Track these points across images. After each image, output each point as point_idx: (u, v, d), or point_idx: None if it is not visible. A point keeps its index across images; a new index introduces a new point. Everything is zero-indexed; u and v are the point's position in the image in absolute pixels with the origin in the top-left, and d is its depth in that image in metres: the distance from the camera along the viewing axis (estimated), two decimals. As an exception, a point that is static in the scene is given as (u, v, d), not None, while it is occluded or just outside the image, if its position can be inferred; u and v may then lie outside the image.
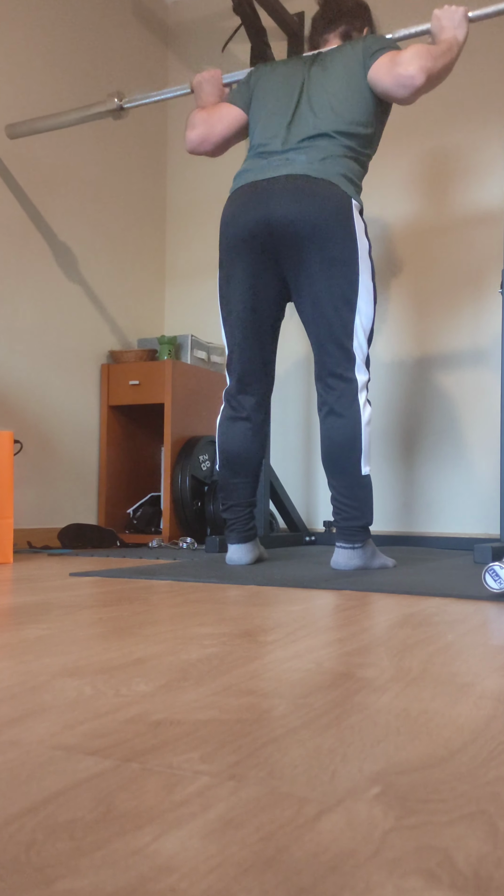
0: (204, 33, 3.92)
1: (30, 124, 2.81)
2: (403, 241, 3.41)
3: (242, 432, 2.22)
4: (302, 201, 2.04)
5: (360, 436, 2.06)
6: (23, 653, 0.97)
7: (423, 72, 2.01)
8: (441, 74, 2.06)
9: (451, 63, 2.08)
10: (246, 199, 2.12)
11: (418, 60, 2.01)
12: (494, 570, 1.50)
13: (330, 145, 2.09)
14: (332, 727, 0.66)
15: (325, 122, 2.10)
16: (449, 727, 0.67)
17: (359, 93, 2.12)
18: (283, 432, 3.61)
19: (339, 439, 2.06)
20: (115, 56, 3.59)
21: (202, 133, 2.28)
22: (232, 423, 2.23)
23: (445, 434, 3.29)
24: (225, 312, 2.22)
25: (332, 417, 2.08)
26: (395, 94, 2.06)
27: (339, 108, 2.10)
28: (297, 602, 1.47)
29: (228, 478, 2.25)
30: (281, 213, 2.06)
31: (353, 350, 2.08)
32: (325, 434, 2.10)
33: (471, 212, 3.29)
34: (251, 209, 2.10)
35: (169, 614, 1.30)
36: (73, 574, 1.96)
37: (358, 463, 2.06)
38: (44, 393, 3.13)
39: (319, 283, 2.08)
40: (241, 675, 0.85)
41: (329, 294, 2.07)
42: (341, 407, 2.07)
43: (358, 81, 2.12)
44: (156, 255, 3.89)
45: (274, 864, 0.41)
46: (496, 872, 0.40)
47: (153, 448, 3.70)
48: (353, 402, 2.06)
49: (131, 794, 0.51)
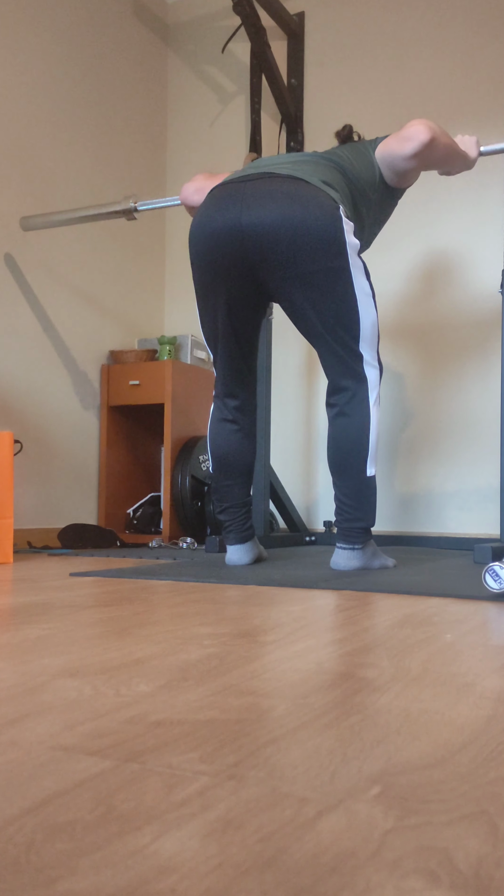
0: (204, 33, 3.92)
1: (43, 218, 2.89)
2: (403, 231, 3.41)
3: (232, 434, 2.21)
4: (281, 202, 1.89)
5: (369, 437, 2.02)
6: (23, 653, 0.97)
7: (429, 130, 2.01)
8: (445, 152, 2.07)
9: (456, 153, 2.11)
10: (215, 203, 1.97)
11: (422, 123, 2.02)
12: (494, 570, 1.50)
13: (322, 162, 2.06)
14: (332, 727, 0.66)
15: (323, 159, 2.08)
16: (449, 727, 0.67)
17: (365, 157, 2.12)
18: (283, 432, 3.61)
19: (348, 440, 2.03)
20: (116, 55, 3.59)
21: (200, 186, 2.29)
22: (222, 424, 2.23)
23: (445, 434, 3.29)
24: (203, 322, 2.15)
25: (342, 418, 2.04)
26: (400, 149, 2.05)
27: (342, 162, 2.09)
28: (296, 602, 1.47)
29: (221, 480, 2.24)
30: (255, 217, 1.90)
31: (359, 350, 2.03)
32: (332, 435, 2.06)
33: (472, 199, 3.29)
34: (220, 213, 1.95)
35: (169, 614, 1.30)
36: (73, 574, 1.96)
37: (364, 464, 2.04)
38: (44, 393, 3.13)
39: (314, 296, 1.96)
40: (240, 675, 0.85)
41: (326, 307, 1.97)
42: (351, 408, 2.03)
43: (365, 155, 2.13)
44: (155, 254, 3.89)
45: (274, 864, 0.41)
46: (496, 872, 0.40)
47: (153, 448, 3.70)
48: (363, 402, 2.03)
49: (131, 794, 0.51)
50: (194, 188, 2.30)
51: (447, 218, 3.33)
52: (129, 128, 3.70)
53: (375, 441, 2.04)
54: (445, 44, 3.35)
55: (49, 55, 3.19)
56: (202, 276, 2.05)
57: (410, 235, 3.39)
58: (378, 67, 3.48)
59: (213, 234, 1.96)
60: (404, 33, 3.42)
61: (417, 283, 3.38)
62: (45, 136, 3.18)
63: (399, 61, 3.43)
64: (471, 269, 3.28)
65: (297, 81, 3.61)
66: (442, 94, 3.35)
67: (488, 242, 3.25)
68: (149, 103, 3.85)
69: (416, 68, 3.40)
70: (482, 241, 3.26)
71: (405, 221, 3.40)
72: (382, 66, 3.47)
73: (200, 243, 2.00)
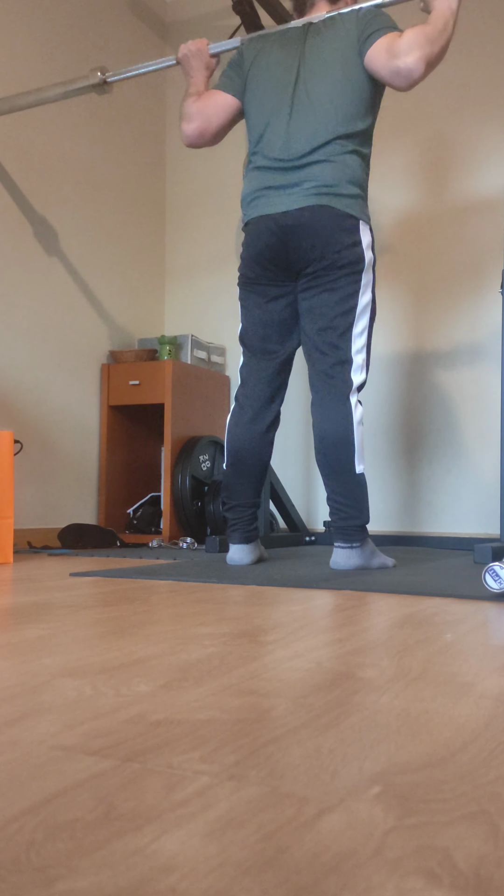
0: (202, 32, 3.92)
1: (10, 101, 2.74)
2: (401, 233, 3.41)
3: (250, 433, 2.23)
4: (311, 229, 2.08)
5: (353, 434, 2.06)
6: (23, 653, 0.97)
7: (422, 61, 1.98)
8: (440, 56, 2.03)
9: (448, 41, 2.04)
10: (261, 228, 2.16)
11: (417, 49, 1.98)
12: (494, 570, 1.50)
13: (334, 155, 2.08)
14: (332, 727, 0.66)
15: (325, 123, 2.09)
16: (449, 727, 0.67)
17: (355, 81, 2.10)
18: (283, 432, 3.61)
19: (332, 438, 2.07)
20: (113, 54, 3.59)
21: (199, 126, 2.25)
22: (240, 423, 2.24)
23: (445, 433, 3.29)
24: (244, 328, 2.27)
25: (324, 417, 2.09)
26: (393, 83, 2.05)
27: (337, 100, 2.09)
28: (297, 602, 1.47)
29: (234, 477, 2.25)
30: (290, 239, 2.11)
31: (349, 353, 2.09)
32: (317, 434, 2.11)
33: (470, 202, 3.29)
34: (265, 237, 2.15)
35: (169, 614, 1.30)
36: (73, 574, 1.96)
37: (351, 462, 2.06)
38: (44, 393, 3.13)
39: (322, 291, 2.11)
40: (241, 675, 0.85)
41: (329, 301, 2.10)
42: (333, 406, 2.08)
43: (353, 68, 2.10)
44: (155, 253, 3.89)
45: (274, 864, 0.41)
46: (497, 872, 0.40)
47: (153, 448, 3.70)
48: (344, 401, 2.08)
49: (131, 794, 0.51)
50: (197, 133, 2.26)
51: (446, 218, 3.33)
52: (129, 126, 3.70)
53: (361, 439, 2.08)
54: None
55: (47, 52, 3.19)
56: (248, 291, 2.23)
57: (410, 235, 3.39)
58: (378, 67, 3.47)
59: (261, 251, 2.17)
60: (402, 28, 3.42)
61: (417, 283, 3.38)
62: (45, 134, 3.18)
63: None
64: (470, 269, 3.28)
65: (296, 81, 3.60)
66: (442, 90, 3.35)
67: (489, 242, 3.25)
68: (147, 101, 3.85)
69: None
70: (482, 241, 3.26)
71: (405, 221, 3.40)
72: (382, 65, 3.46)
73: (250, 260, 2.21)
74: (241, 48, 2.29)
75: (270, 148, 2.15)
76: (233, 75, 2.26)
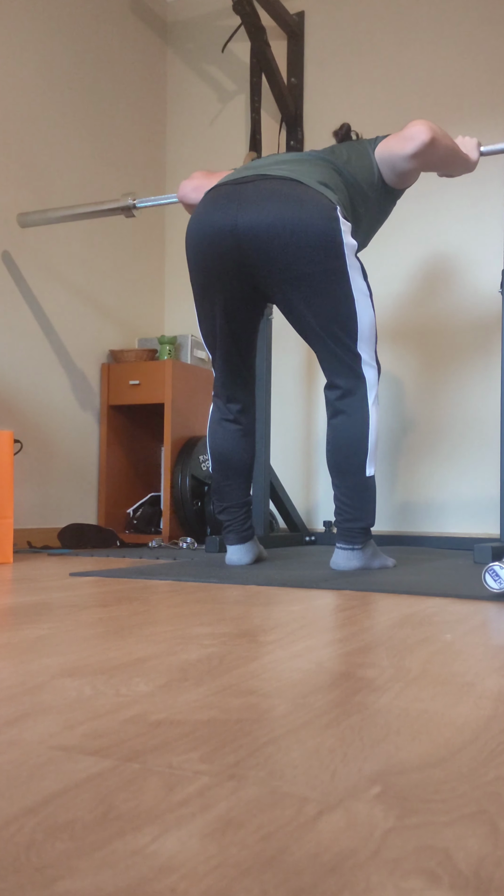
0: (203, 32, 3.92)
1: (41, 215, 2.88)
2: (402, 227, 3.41)
3: (232, 434, 2.21)
4: (276, 203, 1.88)
5: (368, 436, 2.02)
6: (23, 653, 0.97)
7: (430, 130, 2.00)
8: (446, 153, 2.06)
9: (456, 154, 2.10)
10: (211, 204, 1.96)
11: (422, 123, 2.02)
12: (494, 570, 1.50)
13: (319, 162, 2.05)
14: (332, 727, 0.66)
15: (320, 159, 2.07)
16: (449, 727, 0.67)
17: (364, 157, 2.11)
18: (283, 432, 3.61)
19: (347, 440, 2.02)
20: (115, 53, 3.59)
21: (198, 184, 2.27)
22: (221, 424, 2.23)
23: (445, 433, 3.29)
24: (201, 322, 2.14)
25: (341, 418, 2.04)
26: (400, 149, 2.04)
27: (339, 162, 2.09)
28: (297, 602, 1.47)
29: (220, 480, 2.24)
30: (251, 219, 1.89)
31: (357, 350, 2.03)
32: (331, 435, 2.06)
33: (471, 196, 3.29)
34: (216, 215, 1.94)
35: (169, 614, 1.30)
36: (73, 574, 1.96)
37: (363, 464, 2.03)
38: (44, 393, 3.12)
39: (311, 297, 1.95)
40: (241, 675, 0.85)
41: (324, 308, 1.97)
42: (350, 408, 2.03)
43: (364, 154, 2.11)
44: (155, 253, 3.89)
45: (274, 864, 0.41)
46: (497, 872, 0.40)
47: (153, 448, 3.70)
48: (362, 401, 2.02)
49: (131, 794, 0.51)
50: (192, 186, 2.28)
51: (446, 218, 3.33)
52: (129, 125, 3.70)
53: (375, 441, 2.04)
54: (445, 42, 3.34)
55: (48, 52, 3.19)
56: (199, 277, 2.04)
57: (409, 236, 3.39)
58: (378, 66, 3.48)
59: (208, 236, 1.96)
60: (404, 32, 3.42)
61: (417, 283, 3.38)
62: (44, 133, 3.18)
63: (399, 60, 3.43)
64: (470, 270, 3.28)
65: (296, 80, 3.61)
66: (442, 93, 3.35)
67: (488, 242, 3.25)
68: (148, 101, 3.85)
69: (416, 67, 3.40)
70: (482, 241, 3.26)
71: (404, 222, 3.40)
72: (382, 64, 3.47)
73: (196, 245, 1.99)
74: None
75: None
76: None
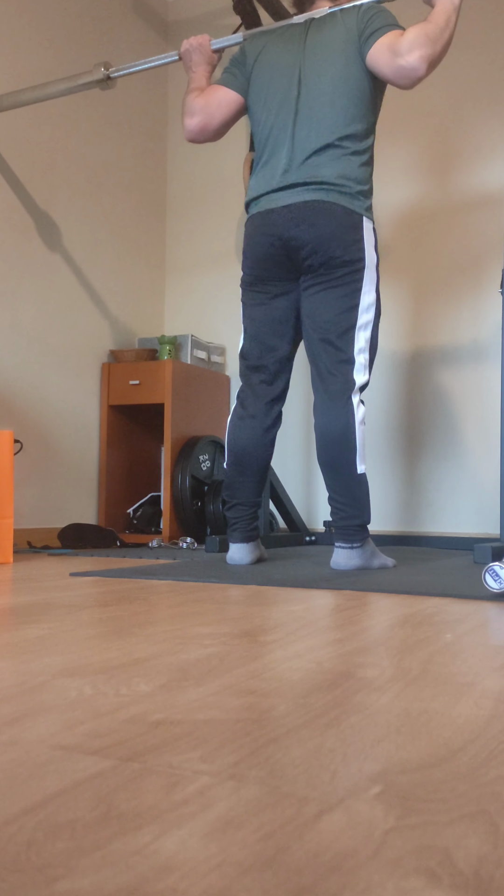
0: (204, 31, 3.90)
1: (14, 96, 2.74)
2: (401, 231, 3.41)
3: (252, 431, 2.23)
4: (313, 224, 2.07)
5: (354, 434, 2.06)
6: (23, 653, 0.97)
7: (425, 61, 1.97)
8: (442, 54, 2.02)
9: (450, 38, 2.03)
10: (262, 227, 2.16)
11: (419, 49, 1.97)
12: (494, 570, 1.50)
13: (336, 156, 2.09)
14: (332, 727, 0.66)
15: (327, 124, 2.09)
16: (449, 727, 0.67)
17: (356, 79, 2.10)
18: (283, 432, 3.61)
19: (333, 438, 2.07)
20: (115, 53, 3.59)
21: (202, 121, 2.25)
22: (242, 421, 2.24)
23: (445, 433, 3.29)
24: (246, 325, 2.27)
25: (326, 416, 2.09)
26: (396, 82, 2.04)
27: (338, 101, 2.09)
28: (297, 602, 1.47)
29: (235, 476, 2.25)
30: (292, 234, 2.11)
31: (352, 354, 2.09)
32: (319, 433, 2.11)
33: (472, 197, 3.29)
34: (267, 236, 2.15)
35: (169, 614, 1.30)
36: (73, 574, 1.96)
37: (353, 461, 2.06)
38: (44, 392, 3.12)
39: (323, 289, 2.11)
40: (241, 674, 0.85)
41: (330, 298, 2.09)
42: (334, 405, 2.08)
43: (354, 67, 2.09)
44: (156, 252, 3.89)
45: (274, 863, 0.41)
46: (496, 872, 0.40)
47: (153, 448, 3.70)
48: (346, 401, 2.07)
49: (131, 793, 0.51)
50: (198, 128, 2.25)
51: (447, 217, 3.33)
52: (129, 124, 3.70)
53: (362, 439, 2.08)
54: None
55: (48, 50, 3.19)
56: (251, 286, 2.23)
57: (410, 235, 3.39)
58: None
59: (261, 246, 2.17)
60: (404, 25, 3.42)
61: (417, 283, 3.38)
62: (44, 132, 3.18)
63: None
64: (471, 269, 3.28)
65: (297, 81, 3.60)
66: (445, 89, 3.35)
67: (488, 242, 3.25)
68: (149, 100, 3.85)
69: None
70: (483, 240, 3.26)
71: (404, 221, 3.40)
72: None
73: (251, 256, 2.21)
74: (243, 45, 2.29)
75: (277, 152, 2.16)
76: (236, 72, 2.26)
